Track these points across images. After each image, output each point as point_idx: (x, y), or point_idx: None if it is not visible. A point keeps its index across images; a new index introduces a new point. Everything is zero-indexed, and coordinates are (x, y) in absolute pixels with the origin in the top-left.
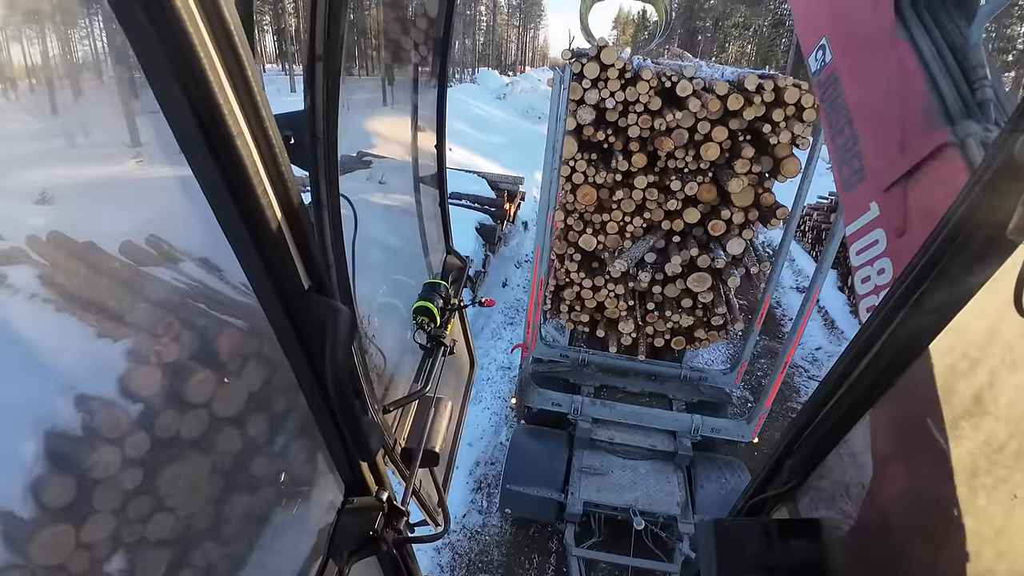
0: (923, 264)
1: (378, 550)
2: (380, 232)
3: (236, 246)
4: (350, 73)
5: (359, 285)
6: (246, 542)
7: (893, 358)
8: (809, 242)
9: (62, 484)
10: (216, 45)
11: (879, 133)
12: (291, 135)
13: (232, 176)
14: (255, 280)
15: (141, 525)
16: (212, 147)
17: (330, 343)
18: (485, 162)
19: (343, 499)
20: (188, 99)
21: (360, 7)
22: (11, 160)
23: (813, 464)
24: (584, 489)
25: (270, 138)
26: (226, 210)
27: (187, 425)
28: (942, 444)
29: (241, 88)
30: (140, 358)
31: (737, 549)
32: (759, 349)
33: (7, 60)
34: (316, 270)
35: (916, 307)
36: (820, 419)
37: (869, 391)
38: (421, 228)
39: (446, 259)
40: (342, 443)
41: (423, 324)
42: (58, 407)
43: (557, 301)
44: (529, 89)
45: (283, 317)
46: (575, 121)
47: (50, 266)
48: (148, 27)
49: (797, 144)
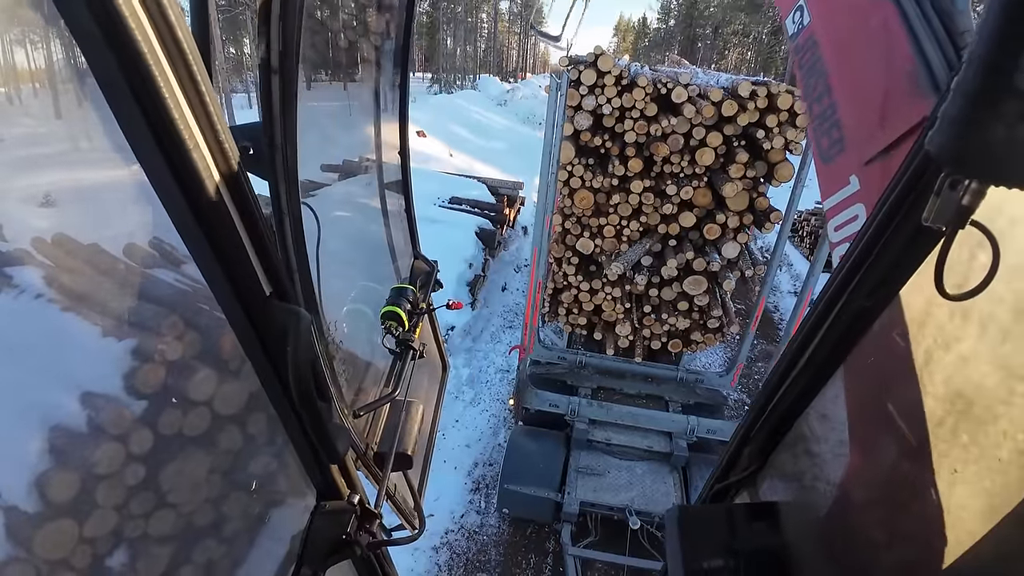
0: (860, 249)
1: (352, 553)
2: (346, 239)
3: (195, 254)
4: (313, 80)
5: (326, 291)
6: (218, 548)
7: (836, 344)
8: (807, 247)
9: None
10: (168, 56)
11: (860, 101)
12: (250, 145)
13: (187, 185)
14: (216, 287)
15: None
16: (167, 158)
17: (291, 348)
18: (485, 167)
19: (315, 504)
20: (141, 109)
21: (317, 13)
22: (16, 163)
23: (770, 449)
24: (581, 489)
25: (224, 148)
26: (183, 219)
27: (188, 424)
28: (889, 423)
29: (193, 98)
30: (143, 356)
31: (702, 534)
32: (755, 352)
33: (11, 64)
34: (277, 277)
35: (855, 293)
36: (773, 406)
37: (815, 378)
38: (388, 234)
39: (414, 263)
40: (311, 447)
41: (391, 328)
42: (62, 403)
43: (555, 304)
44: (530, 95)
45: (245, 323)
46: (572, 127)
47: (55, 267)
48: (100, 39)
49: (790, 149)
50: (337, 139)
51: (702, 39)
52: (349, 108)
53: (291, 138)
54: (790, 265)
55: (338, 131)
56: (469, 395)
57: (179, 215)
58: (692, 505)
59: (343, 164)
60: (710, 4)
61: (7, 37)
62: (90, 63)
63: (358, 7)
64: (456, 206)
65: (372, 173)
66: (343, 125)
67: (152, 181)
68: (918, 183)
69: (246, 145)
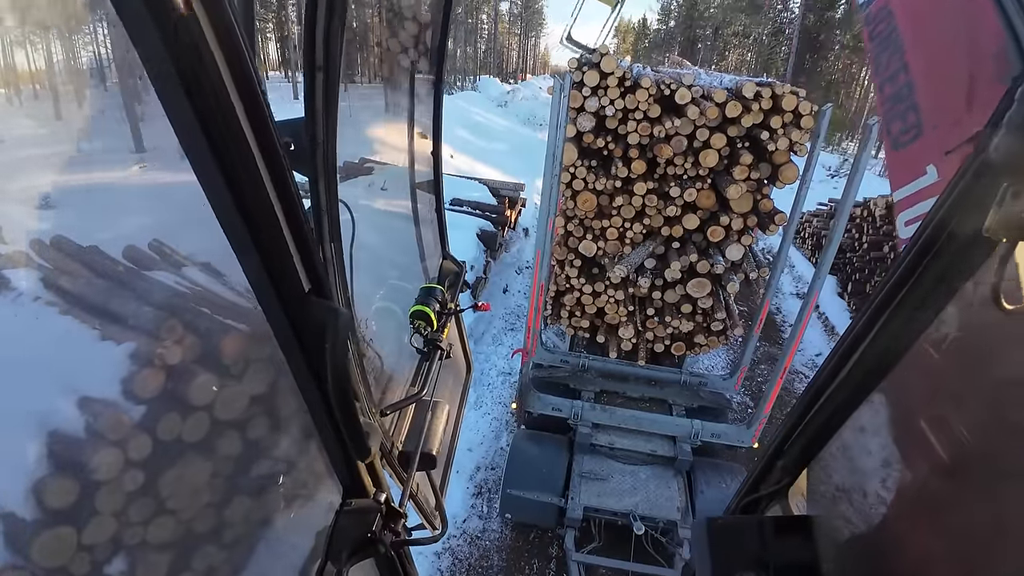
0: (907, 263)
1: (376, 552)
2: (377, 237)
3: (238, 249)
4: (350, 80)
5: (357, 289)
6: (245, 545)
7: (880, 357)
8: (809, 248)
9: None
10: (221, 51)
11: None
12: (291, 141)
13: (234, 180)
14: (256, 282)
15: (142, 528)
16: (215, 152)
17: (330, 345)
18: (486, 169)
19: (341, 501)
20: (192, 105)
21: (359, 15)
22: (15, 165)
23: (804, 463)
24: (584, 494)
25: (272, 144)
26: (228, 213)
27: (188, 429)
28: (932, 440)
29: (245, 94)
30: (143, 361)
31: (731, 546)
32: (759, 355)
33: (12, 66)
34: (316, 273)
35: (901, 307)
36: (810, 418)
37: (857, 391)
38: (418, 233)
39: (442, 264)
40: (340, 445)
41: (420, 328)
42: (60, 408)
43: (557, 307)
44: (530, 96)
45: (283, 319)
46: (575, 128)
47: (53, 269)
48: (154, 33)
49: (795, 151)
50: (372, 137)
51: (702, 40)
52: (383, 105)
53: (332, 134)
54: (792, 267)
55: (373, 129)
56: (471, 398)
57: (224, 209)
58: (722, 516)
59: (375, 162)
60: (710, 5)
61: (8, 38)
62: (143, 58)
63: (396, 7)
64: (457, 207)
65: (404, 172)
66: (378, 123)
67: (199, 174)
68: (975, 190)
69: (288, 141)
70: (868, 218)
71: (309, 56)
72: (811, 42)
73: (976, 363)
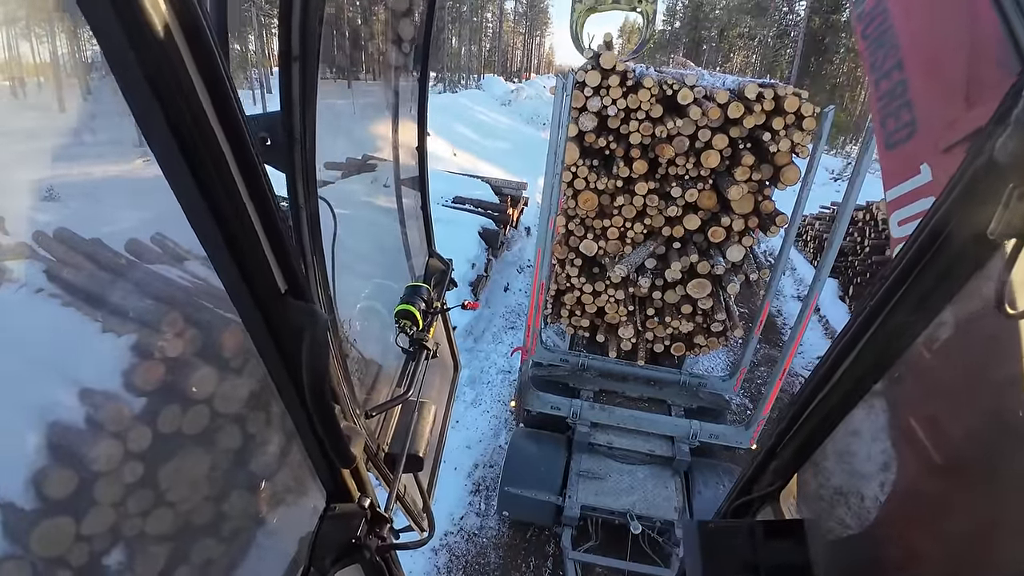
0: (905, 264)
1: (361, 558)
2: (361, 235)
3: (209, 249)
4: (331, 74)
5: (340, 289)
6: (226, 551)
7: (875, 360)
8: (811, 251)
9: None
10: (186, 43)
11: (937, 78)
12: (267, 136)
13: (202, 176)
14: (229, 284)
15: (116, 532)
16: (182, 147)
17: (307, 347)
18: (489, 167)
19: (325, 506)
20: (156, 97)
21: (339, 5)
22: (19, 157)
23: (796, 466)
24: (582, 493)
25: (242, 138)
26: (197, 212)
27: (163, 424)
28: (927, 442)
29: (211, 86)
30: (144, 353)
31: (722, 550)
32: (759, 356)
33: (15, 57)
34: (293, 273)
35: (898, 308)
36: (803, 421)
37: (850, 394)
38: (403, 231)
39: (428, 262)
40: (322, 450)
41: (405, 327)
42: (61, 399)
43: (558, 306)
44: (534, 96)
45: (259, 321)
46: (577, 128)
47: (56, 261)
48: (118, 27)
49: (797, 152)
50: (353, 134)
51: (707, 41)
52: (366, 103)
53: (311, 129)
54: (793, 269)
55: (354, 126)
56: (470, 396)
57: (192, 206)
58: (713, 520)
59: (358, 159)
60: (715, 6)
61: (12, 30)
62: (104, 51)
63: (378, 1)
64: (459, 206)
65: (388, 169)
66: (359, 120)
67: (164, 170)
68: (978, 191)
69: (264, 135)
70: (870, 221)
71: (284, 45)
72: (816, 45)
73: (974, 368)
